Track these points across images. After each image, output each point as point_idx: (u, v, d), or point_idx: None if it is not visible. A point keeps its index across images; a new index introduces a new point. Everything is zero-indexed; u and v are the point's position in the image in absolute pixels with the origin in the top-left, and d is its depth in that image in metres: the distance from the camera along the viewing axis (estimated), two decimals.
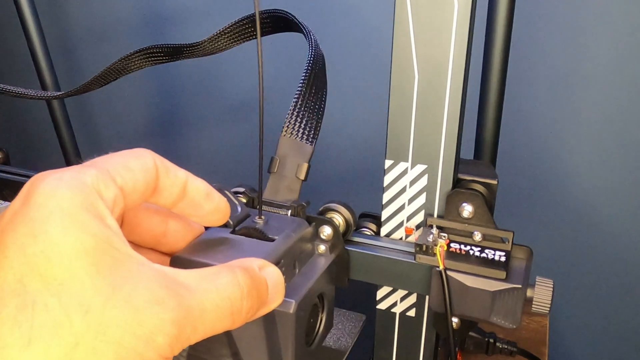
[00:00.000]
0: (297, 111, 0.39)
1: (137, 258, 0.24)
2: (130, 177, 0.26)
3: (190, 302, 0.23)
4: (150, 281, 0.23)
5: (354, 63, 0.93)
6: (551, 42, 0.82)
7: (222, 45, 0.46)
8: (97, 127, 1.21)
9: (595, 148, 0.84)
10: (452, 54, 0.35)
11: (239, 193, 0.40)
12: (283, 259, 0.33)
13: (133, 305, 0.22)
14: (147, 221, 0.31)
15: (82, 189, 0.23)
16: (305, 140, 0.39)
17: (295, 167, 0.39)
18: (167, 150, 1.15)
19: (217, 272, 0.26)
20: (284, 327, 0.31)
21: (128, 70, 0.48)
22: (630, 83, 0.80)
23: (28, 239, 0.22)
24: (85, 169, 0.24)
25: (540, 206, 0.90)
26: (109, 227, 0.23)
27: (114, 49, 1.12)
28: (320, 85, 0.40)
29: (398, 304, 0.42)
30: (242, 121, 1.08)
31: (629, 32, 0.78)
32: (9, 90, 0.52)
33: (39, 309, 0.20)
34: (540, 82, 0.85)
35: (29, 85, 0.54)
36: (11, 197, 0.52)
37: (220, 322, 0.25)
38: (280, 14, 0.43)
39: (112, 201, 0.25)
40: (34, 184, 0.23)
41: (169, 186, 0.28)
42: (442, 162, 0.38)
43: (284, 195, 0.39)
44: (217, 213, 0.31)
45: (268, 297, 0.28)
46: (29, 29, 0.91)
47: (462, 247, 0.37)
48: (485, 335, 0.47)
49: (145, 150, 0.27)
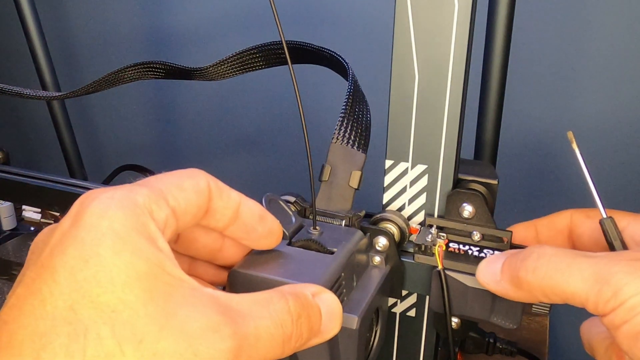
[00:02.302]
0: (346, 120, 0.38)
1: (189, 282, 0.23)
2: (183, 197, 0.25)
3: (245, 330, 0.22)
4: (205, 307, 0.22)
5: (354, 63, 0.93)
6: (551, 42, 0.83)
7: (226, 73, 0.46)
8: (97, 127, 1.21)
9: (596, 148, 0.84)
10: (452, 54, 0.35)
11: (288, 202, 0.38)
12: (343, 272, 0.31)
13: (188, 334, 0.21)
14: (204, 237, 0.30)
15: (133, 210, 0.22)
16: (357, 148, 0.38)
17: (348, 175, 0.37)
18: (166, 150, 1.15)
19: (269, 298, 0.25)
20: (347, 343, 0.30)
21: (129, 80, 0.48)
22: (631, 83, 0.80)
23: (79, 262, 0.21)
24: (137, 188, 0.24)
25: (540, 206, 0.90)
26: (161, 250, 0.23)
27: (114, 51, 1.12)
28: (361, 97, 0.40)
29: (398, 304, 0.42)
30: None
31: (629, 32, 0.78)
32: (9, 90, 0.52)
33: (91, 338, 0.20)
34: (540, 82, 0.85)
35: (29, 85, 0.54)
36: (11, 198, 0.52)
37: (273, 350, 0.24)
38: (303, 46, 0.43)
39: (163, 222, 0.24)
40: (84, 203, 0.22)
41: (222, 208, 0.27)
42: (443, 162, 0.38)
43: (337, 204, 0.37)
44: (270, 237, 0.30)
45: (321, 326, 0.26)
46: (29, 29, 0.91)
47: (461, 247, 0.37)
48: (485, 335, 0.47)
49: (199, 171, 0.26)
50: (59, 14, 1.14)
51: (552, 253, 0.28)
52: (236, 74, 0.46)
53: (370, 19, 0.91)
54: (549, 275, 0.28)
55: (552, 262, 0.28)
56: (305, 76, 0.41)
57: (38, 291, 0.21)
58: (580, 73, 0.82)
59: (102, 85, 0.49)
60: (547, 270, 0.28)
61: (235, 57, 0.45)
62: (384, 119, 0.39)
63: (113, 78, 0.48)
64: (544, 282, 0.28)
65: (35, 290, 0.21)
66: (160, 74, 0.47)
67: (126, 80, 0.48)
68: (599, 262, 0.27)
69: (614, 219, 0.32)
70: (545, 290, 0.28)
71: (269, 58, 0.45)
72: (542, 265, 0.28)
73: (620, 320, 0.26)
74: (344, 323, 0.30)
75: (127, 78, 0.48)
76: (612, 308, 0.26)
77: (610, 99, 0.82)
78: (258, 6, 0.95)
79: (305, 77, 0.70)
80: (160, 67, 0.47)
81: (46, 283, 0.21)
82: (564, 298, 0.28)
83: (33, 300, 0.20)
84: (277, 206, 0.34)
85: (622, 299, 0.25)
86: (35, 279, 0.21)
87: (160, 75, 0.47)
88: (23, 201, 0.52)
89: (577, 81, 0.83)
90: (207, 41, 1.02)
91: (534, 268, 0.28)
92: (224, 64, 0.45)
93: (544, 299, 0.29)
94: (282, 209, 0.34)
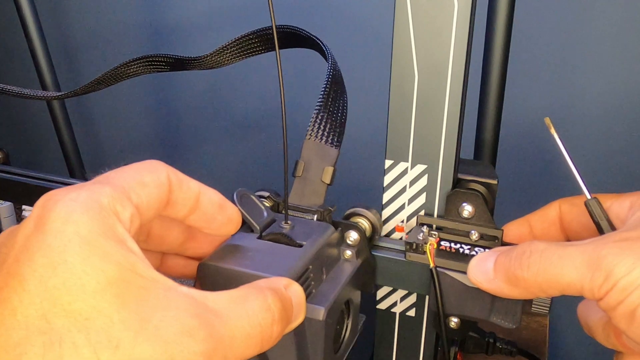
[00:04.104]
0: (321, 115, 0.38)
1: (163, 282, 0.22)
2: (145, 193, 0.25)
3: (221, 331, 0.22)
4: (180, 309, 0.22)
5: (354, 63, 0.93)
6: (551, 42, 0.83)
7: (226, 60, 0.45)
8: (97, 127, 1.21)
9: (596, 148, 0.84)
10: (452, 54, 0.35)
11: (262, 197, 0.39)
12: (311, 265, 0.32)
13: (163, 338, 0.21)
14: (176, 230, 0.31)
15: (99, 212, 0.22)
16: (330, 144, 0.38)
17: (321, 171, 0.38)
18: (166, 149, 1.15)
19: (246, 295, 0.25)
20: (314, 334, 0.31)
21: (129, 75, 0.48)
22: (631, 84, 0.80)
23: (47, 270, 0.20)
24: (100, 188, 0.23)
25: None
26: (131, 252, 0.22)
27: (114, 50, 1.12)
28: (340, 91, 0.40)
29: (398, 304, 0.42)
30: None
31: (629, 32, 0.78)
32: (9, 90, 0.52)
33: (67, 347, 0.20)
34: (540, 83, 0.85)
35: (29, 85, 0.54)
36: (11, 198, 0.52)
37: (250, 349, 0.24)
38: (294, 31, 0.43)
39: (129, 221, 0.24)
40: (47, 206, 0.22)
41: (182, 199, 0.27)
42: (442, 162, 0.38)
43: (310, 199, 0.38)
44: (229, 224, 0.30)
45: (292, 316, 0.27)
46: (29, 29, 0.91)
47: (453, 245, 0.37)
48: (485, 335, 0.47)
49: (158, 163, 0.26)
50: (58, 13, 1.14)
51: (543, 248, 0.29)
52: (238, 59, 0.46)
53: (370, 19, 0.91)
54: (542, 269, 0.28)
55: (544, 257, 0.29)
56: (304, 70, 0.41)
57: (7, 300, 0.20)
58: (581, 73, 0.82)
59: (102, 83, 0.49)
60: (540, 266, 0.29)
61: (234, 43, 0.45)
62: (383, 119, 0.39)
63: (113, 75, 0.48)
64: (540, 277, 0.29)
65: (3, 299, 0.20)
66: (162, 67, 0.47)
67: (126, 77, 0.48)
68: (587, 248, 0.28)
69: (598, 199, 0.33)
70: (542, 285, 0.29)
71: (267, 43, 0.45)
72: (535, 261, 0.29)
73: (615, 301, 0.26)
74: (312, 314, 0.30)
75: (127, 74, 0.48)
76: (606, 291, 0.26)
77: (611, 100, 0.82)
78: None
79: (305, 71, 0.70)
80: (160, 60, 0.47)
81: (15, 292, 0.20)
82: (560, 290, 0.28)
83: (3, 309, 0.20)
84: (248, 201, 0.34)
85: (614, 281, 0.26)
86: (3, 287, 0.21)
87: (162, 68, 0.47)
88: (23, 201, 0.51)
89: (577, 81, 0.83)
90: (207, 33, 1.02)
91: (528, 265, 0.29)
92: (224, 50, 0.45)
93: (541, 293, 0.29)
94: (254, 204, 0.34)
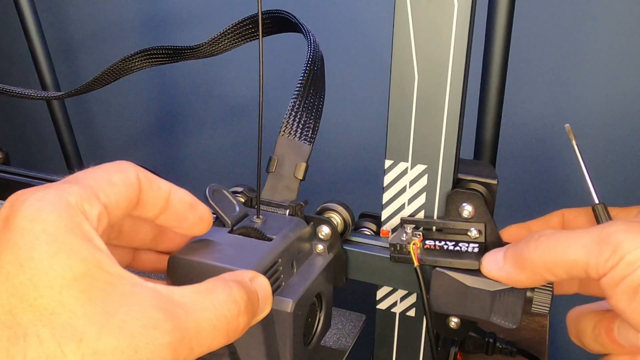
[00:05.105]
0: (295, 111, 0.39)
1: (129, 278, 0.23)
2: (114, 192, 0.25)
3: (186, 324, 0.23)
4: (145, 303, 0.22)
5: (354, 63, 0.93)
6: (551, 42, 0.83)
7: (223, 47, 0.46)
8: (97, 127, 1.21)
9: (596, 148, 0.84)
10: (452, 54, 0.35)
11: (237, 193, 0.40)
12: (281, 259, 0.32)
13: (128, 332, 0.21)
14: (147, 226, 0.31)
15: (66, 210, 0.22)
16: (304, 140, 0.39)
17: (294, 167, 0.39)
18: (166, 150, 1.15)
19: (212, 288, 0.25)
20: (282, 326, 0.31)
21: (128, 71, 0.48)
22: (631, 84, 0.80)
23: (14, 267, 0.21)
24: (68, 187, 0.24)
25: (540, 206, 0.90)
26: (98, 249, 0.23)
27: (114, 50, 1.12)
28: (319, 85, 0.40)
29: (398, 304, 0.42)
30: (242, 122, 1.07)
31: (629, 33, 0.78)
32: (9, 90, 0.52)
33: (31, 341, 0.20)
34: (540, 82, 0.85)
35: (29, 85, 0.54)
36: None
37: (216, 340, 0.24)
38: (281, 15, 0.43)
39: (96, 220, 0.24)
40: (14, 206, 0.22)
41: (152, 199, 0.27)
42: (442, 162, 0.38)
43: (282, 195, 0.39)
44: (201, 223, 0.30)
45: (259, 309, 0.27)
46: (29, 29, 0.91)
47: (437, 242, 0.37)
48: (485, 335, 0.47)
49: (128, 163, 0.27)
50: (57, 12, 1.14)
51: (552, 232, 0.30)
52: (236, 45, 0.46)
53: (370, 19, 0.91)
54: (549, 248, 0.29)
55: (552, 238, 0.29)
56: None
57: None
58: (581, 73, 0.82)
59: (102, 81, 0.49)
60: (547, 245, 0.29)
61: (231, 30, 0.45)
62: (383, 119, 0.39)
63: (113, 71, 0.48)
64: (546, 256, 0.29)
65: None
66: (160, 59, 0.47)
67: (126, 73, 0.48)
68: (595, 229, 0.28)
69: (605, 205, 0.33)
70: (547, 264, 0.29)
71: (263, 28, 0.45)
72: (543, 242, 0.29)
73: (620, 275, 0.26)
74: (280, 306, 0.31)
75: (127, 69, 0.48)
76: (612, 265, 0.26)
77: (611, 100, 0.82)
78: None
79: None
80: (159, 52, 0.47)
81: None
82: (567, 269, 0.29)
83: None
84: (221, 196, 0.35)
85: (621, 254, 0.26)
86: None
87: (161, 60, 0.47)
88: None
89: (577, 81, 0.83)
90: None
91: (535, 246, 0.30)
92: (222, 38, 0.45)
93: (547, 274, 0.30)
94: (226, 199, 0.35)
